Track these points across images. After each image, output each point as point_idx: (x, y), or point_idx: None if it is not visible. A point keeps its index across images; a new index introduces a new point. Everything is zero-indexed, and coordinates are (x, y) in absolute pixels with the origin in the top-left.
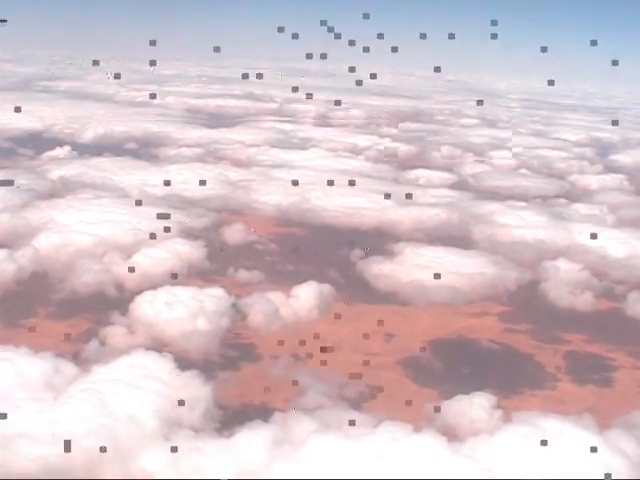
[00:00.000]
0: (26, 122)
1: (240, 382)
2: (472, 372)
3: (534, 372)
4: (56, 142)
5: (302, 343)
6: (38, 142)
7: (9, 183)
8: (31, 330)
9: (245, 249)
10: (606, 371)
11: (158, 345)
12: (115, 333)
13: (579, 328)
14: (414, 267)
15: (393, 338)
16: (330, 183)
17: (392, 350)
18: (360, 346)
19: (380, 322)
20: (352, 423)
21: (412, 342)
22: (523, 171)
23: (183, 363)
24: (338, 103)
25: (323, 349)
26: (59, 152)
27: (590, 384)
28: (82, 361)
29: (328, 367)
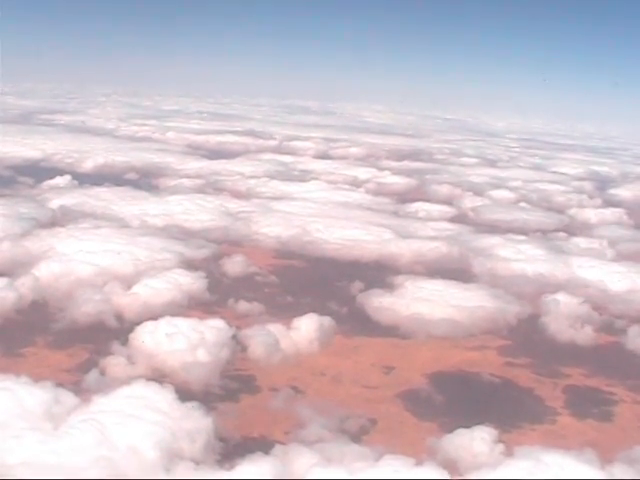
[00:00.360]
0: (26, 152)
1: (240, 414)
2: (472, 406)
3: (534, 406)
4: (56, 171)
5: (302, 375)
6: (38, 171)
7: None
8: (29, 359)
9: (245, 280)
10: (606, 405)
11: (158, 376)
12: (115, 363)
13: (579, 362)
14: (414, 300)
15: (392, 371)
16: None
17: (391, 383)
18: (359, 379)
19: (379, 355)
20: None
21: (411, 375)
22: (522, 204)
23: (184, 394)
24: None
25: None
26: (59, 181)
27: (590, 418)
28: (82, 391)
29: (328, 400)
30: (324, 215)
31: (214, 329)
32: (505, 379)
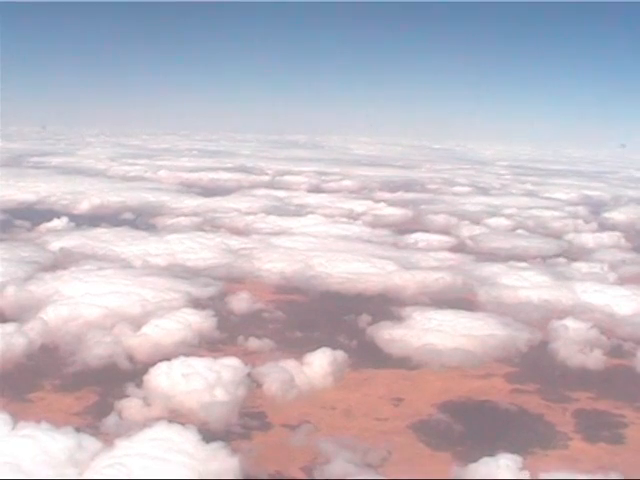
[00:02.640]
0: (21, 195)
1: (263, 452)
2: (483, 434)
3: (545, 431)
4: (52, 213)
5: (313, 410)
6: (34, 214)
7: None
8: (38, 404)
9: (253, 317)
10: (616, 428)
11: (176, 417)
12: (131, 405)
13: (586, 386)
14: (425, 331)
15: (402, 402)
16: None
17: (402, 414)
18: (370, 411)
19: (387, 387)
20: None
21: (421, 406)
22: (520, 231)
23: (204, 434)
24: None
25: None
26: (56, 223)
27: (602, 442)
28: (102, 435)
29: (342, 434)
30: (325, 249)
31: (230, 368)
32: (514, 406)
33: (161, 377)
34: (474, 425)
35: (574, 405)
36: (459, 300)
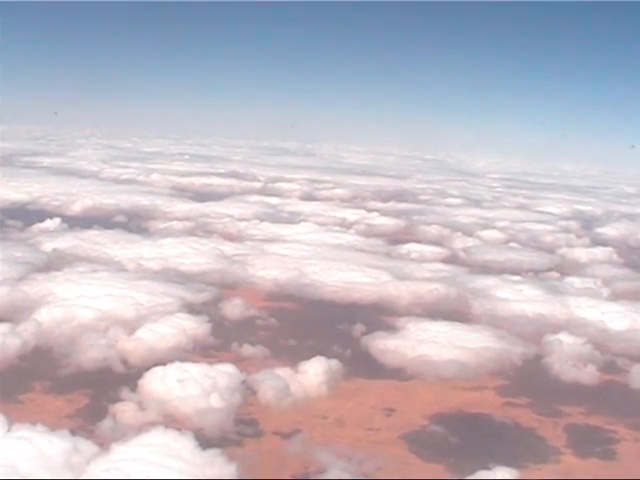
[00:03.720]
0: (13, 195)
1: (258, 460)
2: (475, 446)
3: (536, 445)
4: (45, 214)
5: (305, 419)
6: (26, 214)
7: None
8: (28, 405)
9: (246, 324)
10: (608, 444)
11: (170, 422)
12: (125, 410)
13: (578, 401)
14: (420, 342)
15: (393, 413)
16: None
17: (394, 425)
18: (362, 421)
19: (379, 397)
20: None
21: (413, 417)
22: (513, 244)
23: (200, 441)
24: None
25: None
26: (49, 224)
27: (594, 457)
28: (97, 438)
29: (334, 443)
30: (319, 257)
31: (225, 374)
32: (506, 419)
33: (156, 382)
34: (465, 437)
35: (566, 420)
36: (453, 312)
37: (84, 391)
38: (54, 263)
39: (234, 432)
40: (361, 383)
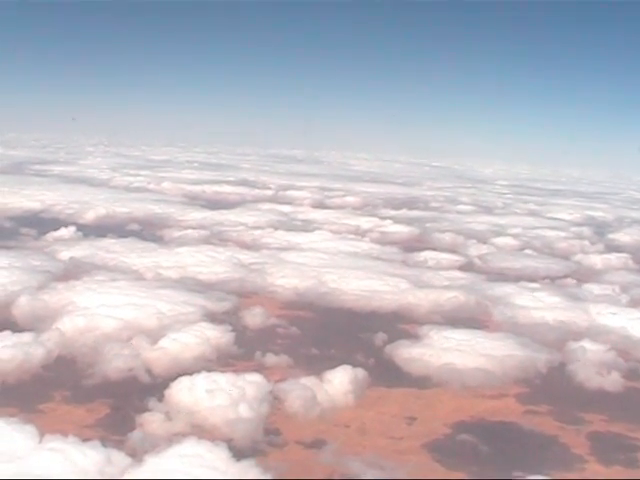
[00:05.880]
0: (26, 203)
1: (291, 469)
2: (498, 454)
3: (560, 453)
4: (59, 222)
5: (328, 428)
6: (40, 222)
7: None
8: (49, 415)
9: (268, 333)
10: (631, 451)
11: (199, 433)
12: (153, 420)
13: (600, 408)
14: (444, 350)
15: (415, 421)
16: None
17: (416, 434)
18: (384, 430)
19: (401, 405)
20: None
21: (434, 425)
22: (528, 251)
23: (232, 451)
24: None
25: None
26: (64, 232)
27: (617, 465)
28: (128, 450)
29: (360, 452)
30: (336, 265)
31: (253, 384)
32: (528, 427)
33: (183, 392)
34: (488, 445)
35: (588, 427)
36: (473, 320)
37: (105, 401)
38: (72, 272)
39: (264, 442)
40: (382, 392)
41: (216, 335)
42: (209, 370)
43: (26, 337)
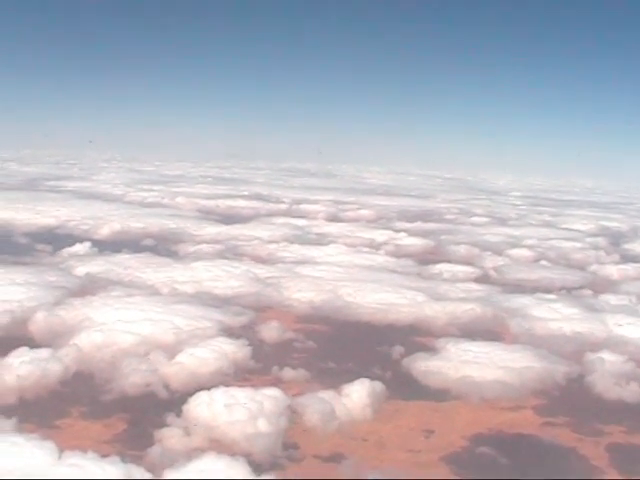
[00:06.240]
0: (41, 219)
1: None
2: (517, 466)
3: (579, 465)
4: (73, 238)
5: (350, 442)
6: (55, 238)
7: None
8: (66, 430)
9: (284, 347)
10: None
11: (218, 447)
12: (171, 435)
13: (618, 420)
14: (462, 363)
15: (432, 434)
16: None
17: (434, 447)
18: (402, 443)
19: (417, 418)
20: None
21: (452, 438)
22: (543, 263)
23: (252, 466)
24: None
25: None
26: (79, 248)
27: (637, 476)
28: (147, 465)
29: (380, 465)
30: (352, 279)
31: (271, 398)
32: (547, 439)
33: (202, 407)
34: (506, 458)
35: (607, 439)
36: (491, 332)
37: (122, 416)
38: (88, 287)
39: (283, 457)
40: (400, 405)
41: (233, 350)
42: (227, 385)
43: (43, 353)
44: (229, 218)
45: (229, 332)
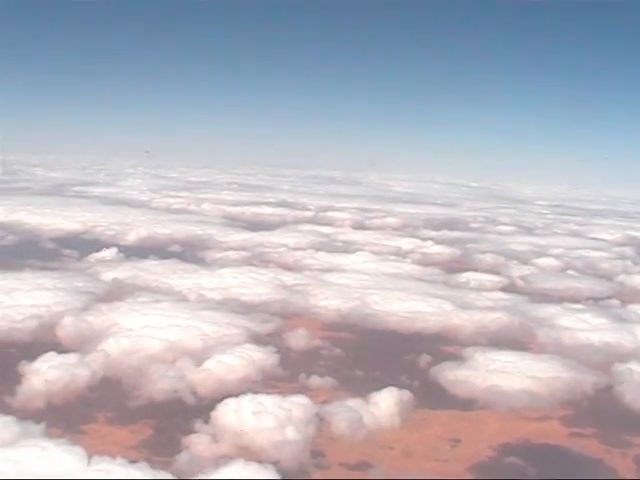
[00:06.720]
0: (68, 224)
1: None
2: (545, 477)
3: (607, 477)
4: (100, 244)
5: (380, 451)
6: (82, 244)
7: None
8: (92, 436)
9: (311, 354)
10: None
11: (245, 454)
12: (199, 442)
13: None
14: (490, 372)
15: (459, 444)
16: None
17: (461, 456)
18: (428, 452)
19: (445, 427)
20: None
21: (479, 448)
22: (570, 272)
23: (280, 474)
24: None
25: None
26: (106, 254)
27: None
28: (175, 472)
29: (407, 474)
30: (379, 287)
31: (299, 406)
32: (574, 450)
33: (230, 414)
34: (533, 468)
35: (635, 450)
36: (518, 341)
37: (147, 422)
38: (115, 293)
39: (311, 464)
40: (426, 414)
41: (261, 357)
42: (254, 392)
43: (71, 358)
44: (255, 225)
45: (256, 339)
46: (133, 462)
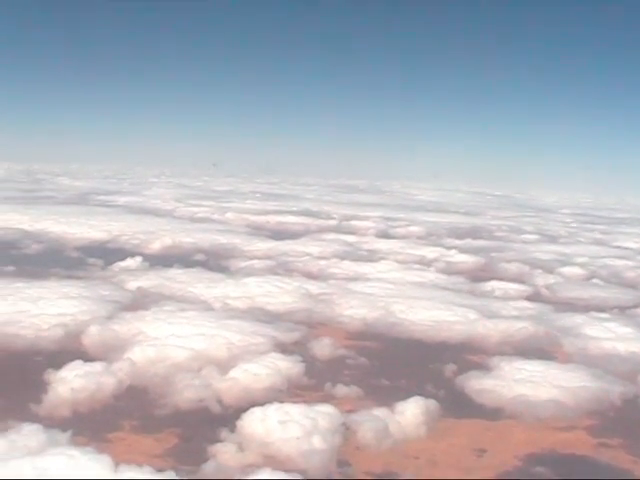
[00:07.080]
0: (93, 233)
1: None
2: None
3: None
4: (125, 252)
5: (405, 460)
6: (107, 252)
7: None
8: (118, 444)
9: (337, 363)
10: None
11: (272, 464)
12: (225, 451)
13: None
14: (516, 382)
15: (485, 453)
16: None
17: (486, 466)
18: (454, 462)
19: (470, 437)
20: None
21: (505, 458)
22: (595, 281)
23: None
24: None
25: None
26: (130, 263)
27: None
28: None
29: None
30: (404, 296)
31: (326, 415)
32: (601, 460)
33: (256, 423)
34: (561, 478)
35: None
36: (544, 351)
37: (173, 431)
38: (140, 302)
39: (337, 473)
40: (452, 423)
41: (287, 366)
42: (280, 401)
43: (97, 367)
44: (279, 234)
45: (282, 348)
46: (160, 470)
